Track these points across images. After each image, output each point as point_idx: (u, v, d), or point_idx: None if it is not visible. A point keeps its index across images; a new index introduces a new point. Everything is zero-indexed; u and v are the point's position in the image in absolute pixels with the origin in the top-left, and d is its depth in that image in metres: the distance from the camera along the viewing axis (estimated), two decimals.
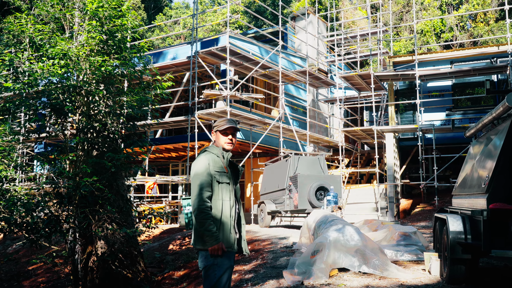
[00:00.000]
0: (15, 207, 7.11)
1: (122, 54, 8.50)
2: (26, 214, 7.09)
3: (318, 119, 22.91)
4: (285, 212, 12.68)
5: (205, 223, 3.66)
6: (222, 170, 3.88)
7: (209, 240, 3.66)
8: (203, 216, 3.67)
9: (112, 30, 8.38)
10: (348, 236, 5.87)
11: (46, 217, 7.14)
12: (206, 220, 3.67)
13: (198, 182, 3.76)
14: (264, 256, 7.99)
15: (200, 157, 3.90)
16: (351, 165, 21.85)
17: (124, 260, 8.73)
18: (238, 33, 18.44)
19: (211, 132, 4.11)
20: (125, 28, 8.69)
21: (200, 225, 3.67)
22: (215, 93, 15.69)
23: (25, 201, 7.46)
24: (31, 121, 7.56)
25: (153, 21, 43.75)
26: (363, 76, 18.59)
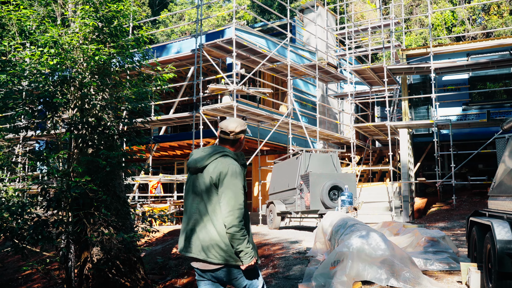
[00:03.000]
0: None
1: (119, 42, 7.76)
2: (11, 219, 6.39)
3: (328, 115, 22.12)
4: (296, 213, 11.92)
5: (244, 240, 3.33)
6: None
7: (248, 256, 3.32)
8: (242, 233, 3.33)
9: (107, 16, 7.65)
10: (374, 244, 5.11)
11: (33, 222, 6.42)
12: (245, 236, 3.34)
13: (238, 195, 3.36)
14: (276, 264, 7.24)
15: (234, 166, 3.41)
16: (362, 163, 21.05)
17: (122, 268, 8.01)
18: (244, 24, 17.67)
19: (243, 137, 3.61)
20: (123, 15, 7.95)
21: (241, 242, 3.31)
22: (221, 87, 14.95)
23: (9, 203, 6.77)
24: (16, 114, 6.83)
25: (157, 17, 43.06)
26: (375, 69, 17.77)
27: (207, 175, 3.44)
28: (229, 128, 3.55)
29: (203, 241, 3.38)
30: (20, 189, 7.00)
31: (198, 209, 3.46)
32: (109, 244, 7.72)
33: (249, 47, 15.68)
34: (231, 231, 3.30)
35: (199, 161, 3.49)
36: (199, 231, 3.42)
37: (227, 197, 3.33)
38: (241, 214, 3.33)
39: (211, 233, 3.37)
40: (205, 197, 3.43)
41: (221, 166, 3.40)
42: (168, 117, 16.78)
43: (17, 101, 6.79)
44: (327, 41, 21.61)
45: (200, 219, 3.44)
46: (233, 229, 3.30)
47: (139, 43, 8.48)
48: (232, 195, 3.34)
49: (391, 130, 17.35)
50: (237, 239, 3.30)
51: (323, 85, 22.17)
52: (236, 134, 3.56)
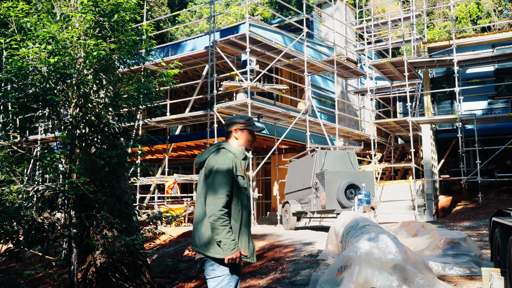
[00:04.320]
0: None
1: (119, 37, 7.45)
2: (7, 222, 6.12)
3: (348, 112, 21.55)
4: (311, 213, 11.46)
5: (224, 230, 3.34)
6: (240, 174, 3.54)
7: (227, 248, 3.33)
8: (221, 223, 3.35)
9: (107, 10, 7.34)
10: (384, 247, 4.66)
11: (28, 225, 6.14)
12: (225, 226, 3.35)
13: (219, 185, 3.40)
14: (284, 268, 6.83)
15: (222, 157, 3.50)
16: (384, 160, 20.42)
17: (126, 271, 7.71)
18: (259, 19, 17.26)
19: (234, 129, 3.66)
20: (123, 8, 7.64)
21: (218, 232, 3.34)
22: (235, 84, 14.58)
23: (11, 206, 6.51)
24: (9, 113, 6.57)
25: (177, 17, 43.00)
26: (395, 63, 17.15)
27: (203, 170, 3.58)
28: (226, 121, 3.74)
29: (198, 233, 3.49)
30: (25, 190, 6.73)
31: (198, 202, 3.57)
32: (112, 247, 7.43)
33: (263, 42, 15.27)
34: (210, 220, 3.35)
35: (200, 156, 3.65)
36: (197, 224, 3.53)
37: (210, 187, 3.42)
38: (221, 203, 3.35)
39: (204, 225, 3.46)
40: (203, 191, 3.52)
41: (211, 160, 3.51)
42: (183, 116, 16.51)
43: (11, 100, 6.52)
44: (346, 36, 21.04)
45: (198, 212, 3.54)
46: (212, 218, 3.34)
47: (142, 39, 8.17)
48: (214, 185, 3.40)
49: (413, 126, 16.72)
50: (216, 228, 3.33)
51: (343, 81, 21.61)
52: (228, 125, 3.69)
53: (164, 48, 18.94)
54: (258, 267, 7.50)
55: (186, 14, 43.33)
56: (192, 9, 43.25)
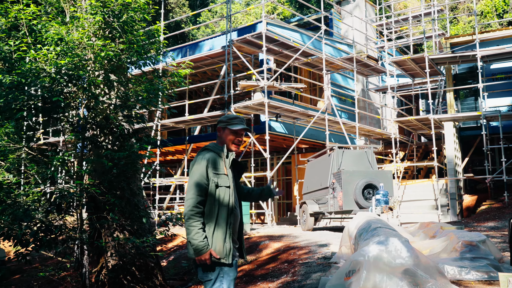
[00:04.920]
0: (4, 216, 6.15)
1: (128, 37, 7.38)
2: (16, 225, 6.10)
3: (369, 110, 21.19)
4: (329, 213, 11.25)
5: (192, 231, 3.32)
6: (223, 172, 3.51)
7: (195, 249, 3.32)
8: (190, 223, 3.34)
9: (115, 10, 7.28)
10: (394, 251, 4.45)
11: (36, 227, 6.11)
12: (194, 227, 3.33)
13: (191, 186, 3.42)
14: (296, 271, 6.66)
15: (198, 158, 3.52)
16: (406, 159, 20.01)
17: (138, 274, 7.65)
18: (275, 17, 17.08)
19: (217, 128, 3.67)
20: (133, 8, 7.57)
21: (187, 232, 3.36)
22: (252, 84, 14.44)
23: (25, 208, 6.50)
24: (16, 116, 6.55)
25: (198, 18, 43.12)
26: (416, 60, 16.76)
27: None
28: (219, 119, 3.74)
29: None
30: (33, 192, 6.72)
31: None
32: (122, 249, 7.38)
33: (281, 41, 15.09)
34: (184, 220, 3.39)
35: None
36: None
37: (188, 187, 3.45)
38: (191, 203, 3.34)
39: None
40: None
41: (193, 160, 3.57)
42: (201, 116, 16.45)
43: (19, 102, 6.51)
44: (366, 33, 20.71)
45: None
46: (184, 218, 3.37)
47: (154, 40, 8.09)
48: (189, 186, 3.43)
49: (435, 124, 16.32)
50: (186, 228, 3.35)
51: (363, 79, 21.27)
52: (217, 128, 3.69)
53: (182, 49, 18.94)
54: (271, 270, 7.35)
55: (207, 14, 43.41)
56: (212, 8, 43.32)
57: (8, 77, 6.85)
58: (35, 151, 7.44)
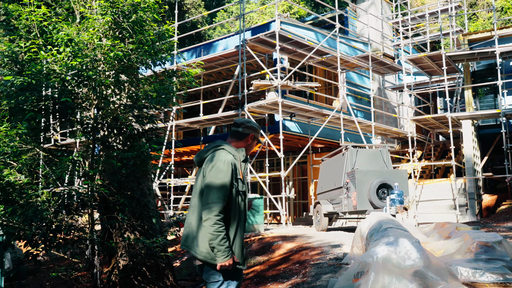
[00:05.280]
0: (15, 216, 6.18)
1: (137, 37, 7.35)
2: (27, 226, 6.12)
3: (385, 109, 20.94)
4: (343, 213, 11.10)
5: (218, 236, 3.21)
6: (239, 177, 3.43)
7: (220, 255, 3.22)
8: (217, 228, 3.21)
9: (125, 10, 7.26)
10: (403, 252, 4.32)
11: (45, 227, 6.12)
12: (220, 232, 3.22)
13: (217, 187, 3.27)
14: (307, 272, 6.56)
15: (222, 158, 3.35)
16: (424, 158, 19.71)
17: (149, 274, 7.62)
18: (288, 16, 16.96)
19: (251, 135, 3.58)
20: (142, 8, 7.55)
21: (212, 237, 3.21)
22: (265, 83, 14.36)
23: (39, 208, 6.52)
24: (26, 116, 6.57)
25: (214, 18, 43.18)
26: (433, 57, 16.48)
27: (202, 168, 3.45)
28: (241, 120, 3.62)
29: (196, 236, 3.35)
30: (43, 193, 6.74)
31: (195, 203, 3.44)
32: (132, 249, 7.36)
33: (294, 40, 14.98)
34: (205, 224, 3.23)
35: (201, 153, 3.51)
36: (193, 226, 3.40)
37: (207, 189, 3.28)
38: (218, 208, 3.22)
39: (200, 228, 3.33)
40: (199, 191, 3.41)
41: (211, 159, 3.38)
42: (215, 116, 16.43)
43: (29, 104, 6.53)
44: (382, 31, 20.46)
45: (196, 213, 3.40)
46: (207, 222, 3.22)
47: (162, 39, 8.05)
48: (212, 188, 3.27)
49: (453, 122, 16.02)
50: (210, 233, 3.21)
51: (379, 78, 21.03)
52: (245, 128, 3.56)
53: (197, 49, 18.94)
54: (282, 271, 7.26)
55: (223, 15, 43.45)
56: (228, 8, 43.34)
57: (19, 78, 6.89)
58: (47, 152, 7.47)
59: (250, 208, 3.80)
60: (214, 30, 42.86)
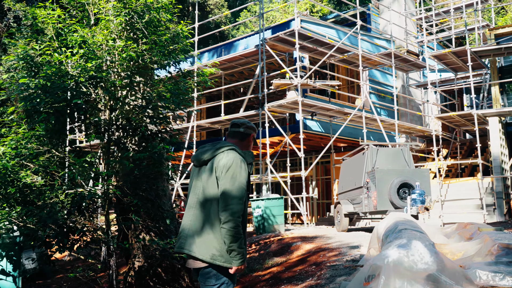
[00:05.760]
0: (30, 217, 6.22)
1: (151, 38, 7.33)
2: (41, 227, 6.16)
3: (410, 107, 20.54)
4: (363, 213, 10.89)
5: (239, 239, 3.17)
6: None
7: (239, 258, 3.17)
8: (239, 231, 3.16)
9: (138, 11, 7.25)
10: (416, 255, 4.16)
11: (58, 228, 6.14)
12: (241, 235, 3.19)
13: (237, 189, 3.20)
14: (321, 274, 6.42)
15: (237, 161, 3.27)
16: (450, 156, 19.26)
17: (164, 275, 7.60)
18: (308, 14, 16.76)
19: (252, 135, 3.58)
20: (156, 8, 7.53)
21: (233, 240, 3.14)
22: (285, 82, 14.24)
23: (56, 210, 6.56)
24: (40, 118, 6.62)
25: (237, 18, 43.19)
26: (458, 53, 16.05)
27: (211, 167, 3.31)
28: (241, 120, 3.57)
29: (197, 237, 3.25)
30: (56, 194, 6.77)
31: (197, 203, 3.33)
32: (147, 251, 7.35)
33: (314, 38, 14.80)
34: (226, 227, 3.13)
35: (204, 153, 3.38)
36: (195, 227, 3.29)
37: (227, 190, 3.18)
38: (239, 210, 3.16)
39: (208, 229, 3.23)
40: (206, 190, 3.30)
41: (225, 160, 3.27)
42: (235, 116, 16.37)
43: (43, 105, 6.57)
44: (406, 28, 20.07)
45: (199, 213, 3.30)
46: (228, 224, 3.13)
47: (176, 39, 8.02)
48: (232, 189, 3.18)
49: (479, 120, 15.58)
50: (231, 235, 3.13)
51: (403, 75, 20.64)
52: (246, 128, 3.52)
53: (218, 49, 18.92)
54: (298, 273, 7.14)
55: (247, 14, 43.40)
56: (251, 8, 43.28)
57: (34, 80, 6.95)
58: (63, 153, 7.51)
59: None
60: (237, 30, 42.89)
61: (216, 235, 3.21)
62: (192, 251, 3.25)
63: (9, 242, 6.86)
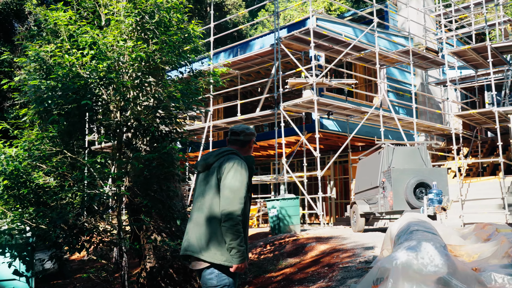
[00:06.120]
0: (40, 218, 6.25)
1: (161, 38, 7.30)
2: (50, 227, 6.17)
3: (429, 105, 20.19)
4: (379, 214, 10.71)
5: (239, 237, 3.25)
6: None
7: (239, 256, 3.24)
8: (238, 229, 3.25)
9: (147, 11, 7.23)
10: (426, 258, 4.02)
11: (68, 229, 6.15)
12: (241, 234, 3.26)
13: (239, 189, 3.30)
14: (333, 276, 6.30)
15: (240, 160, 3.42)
16: (470, 155, 18.87)
17: (176, 276, 7.57)
18: (323, 12, 16.59)
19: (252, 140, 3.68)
20: (166, 8, 7.50)
21: (232, 238, 3.22)
22: (300, 81, 14.12)
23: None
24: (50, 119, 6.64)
25: (255, 18, 43.13)
26: (478, 50, 15.72)
27: (213, 171, 3.43)
28: (240, 128, 3.66)
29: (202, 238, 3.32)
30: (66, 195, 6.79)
31: (201, 206, 3.42)
32: (158, 251, 7.32)
33: (330, 36, 14.63)
34: (226, 225, 3.22)
35: (207, 158, 3.53)
36: (199, 229, 3.36)
37: (227, 190, 3.29)
38: (239, 209, 3.25)
39: (211, 230, 3.31)
40: (209, 193, 3.40)
41: (227, 163, 3.40)
42: (252, 116, 16.31)
43: (51, 106, 6.59)
44: (424, 25, 19.74)
45: (203, 215, 3.38)
46: (228, 222, 3.22)
47: (187, 39, 7.98)
48: (232, 189, 3.29)
49: (501, 117, 15.23)
50: (231, 233, 3.21)
51: (422, 73, 20.29)
52: (246, 136, 3.61)
53: (234, 48, 18.88)
54: (310, 274, 7.03)
55: (265, 14, 43.31)
56: (268, 7, 43.15)
57: (45, 82, 6.97)
58: (75, 154, 7.52)
59: None
60: (256, 30, 42.83)
61: (217, 235, 3.29)
62: (195, 252, 3.32)
63: (21, 242, 6.90)
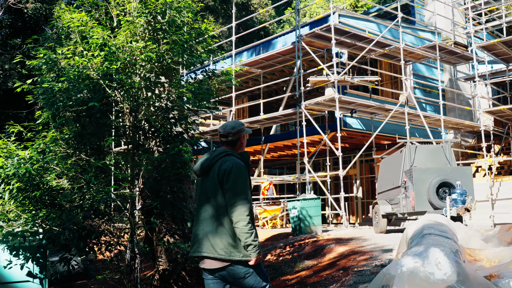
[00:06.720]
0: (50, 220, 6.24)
1: (171, 37, 7.20)
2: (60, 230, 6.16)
3: (458, 101, 19.59)
4: (401, 214, 10.38)
5: (253, 233, 3.41)
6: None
7: (256, 250, 3.41)
8: (251, 227, 3.41)
9: (157, 11, 7.15)
10: (433, 265, 3.78)
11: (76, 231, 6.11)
12: (253, 230, 3.43)
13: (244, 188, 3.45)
14: (346, 280, 6.08)
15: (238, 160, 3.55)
16: (502, 153, 18.22)
17: (188, 279, 7.48)
18: (344, 7, 16.24)
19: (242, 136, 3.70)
20: (176, 8, 7.40)
21: (247, 235, 3.37)
22: (322, 79, 13.86)
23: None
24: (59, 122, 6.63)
25: (282, 16, 42.88)
26: (508, 43, 15.13)
27: (213, 174, 3.51)
28: (226, 130, 3.65)
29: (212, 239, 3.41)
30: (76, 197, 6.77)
31: (206, 209, 3.50)
32: (170, 253, 7.25)
33: (352, 33, 14.32)
34: (239, 225, 3.35)
35: (204, 162, 3.59)
36: (208, 231, 3.45)
37: (232, 192, 3.39)
38: (248, 208, 3.37)
39: (220, 231, 3.41)
40: (212, 196, 3.49)
41: (225, 164, 3.47)
42: (274, 115, 16.15)
43: (61, 108, 6.57)
44: (452, 18, 19.15)
45: (209, 218, 3.48)
46: (240, 223, 3.35)
47: (199, 39, 7.87)
48: (238, 190, 3.40)
49: None
50: (245, 232, 3.35)
51: (451, 68, 19.70)
52: (234, 135, 3.64)
53: (256, 47, 18.73)
54: (324, 278, 6.83)
55: (291, 11, 42.99)
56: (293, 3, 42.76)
57: (56, 84, 6.97)
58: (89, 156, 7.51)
59: None
60: (282, 28, 42.55)
61: (229, 234, 3.42)
62: (210, 253, 3.42)
63: (34, 244, 6.91)
